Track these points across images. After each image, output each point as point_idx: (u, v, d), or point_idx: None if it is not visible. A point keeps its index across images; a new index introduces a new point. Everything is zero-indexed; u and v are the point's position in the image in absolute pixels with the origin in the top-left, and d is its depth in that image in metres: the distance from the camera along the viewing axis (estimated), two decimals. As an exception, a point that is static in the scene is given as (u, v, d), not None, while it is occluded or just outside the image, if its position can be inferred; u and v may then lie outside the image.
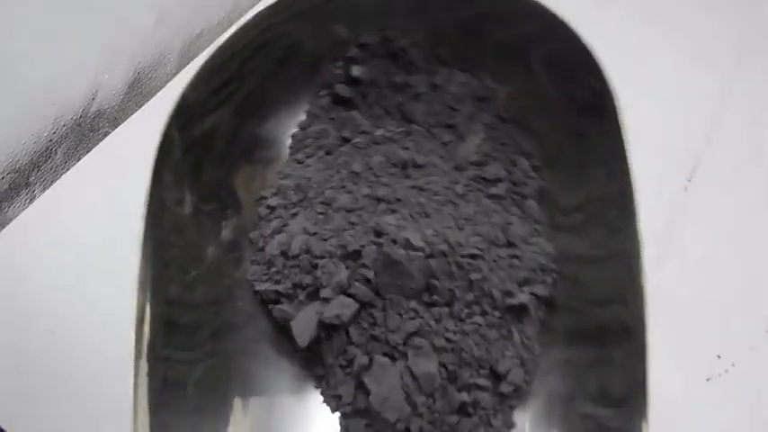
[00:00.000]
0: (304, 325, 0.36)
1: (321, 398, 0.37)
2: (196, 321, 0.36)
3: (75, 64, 0.49)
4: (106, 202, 0.46)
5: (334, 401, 0.36)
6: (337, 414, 0.37)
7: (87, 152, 0.49)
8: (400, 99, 0.44)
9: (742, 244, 0.41)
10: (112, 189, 0.46)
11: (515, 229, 0.38)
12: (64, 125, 0.49)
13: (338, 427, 0.36)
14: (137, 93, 0.55)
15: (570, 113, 0.39)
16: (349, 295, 0.36)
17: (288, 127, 0.45)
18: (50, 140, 0.48)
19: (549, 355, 0.36)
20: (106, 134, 0.50)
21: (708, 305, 0.40)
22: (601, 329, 0.34)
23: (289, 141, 0.45)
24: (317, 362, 0.37)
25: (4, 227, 0.44)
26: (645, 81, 0.48)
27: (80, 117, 0.50)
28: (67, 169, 0.48)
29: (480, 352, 0.34)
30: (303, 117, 0.45)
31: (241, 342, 0.38)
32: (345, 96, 0.45)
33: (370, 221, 0.38)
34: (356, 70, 0.44)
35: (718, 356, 0.37)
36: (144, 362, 0.31)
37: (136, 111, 0.51)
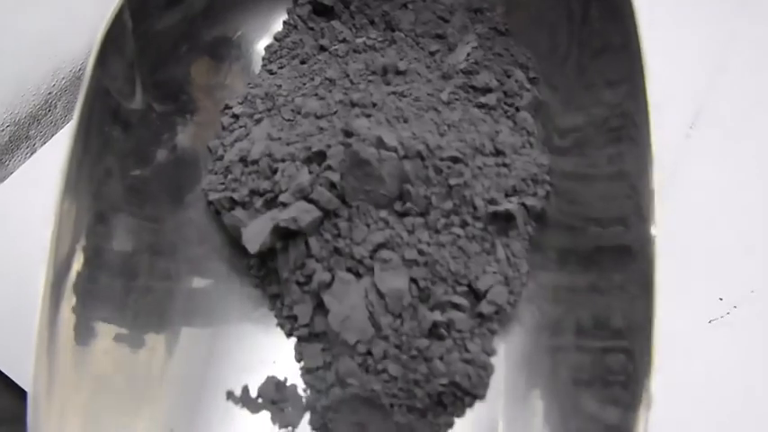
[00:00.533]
0: (256, 231, 0.31)
1: (275, 320, 0.32)
2: (134, 231, 0.31)
3: (73, 16, 0.47)
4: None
5: (288, 323, 0.32)
6: (293, 339, 0.32)
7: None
8: (386, 8, 0.40)
9: (744, 189, 0.39)
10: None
11: (505, 137, 0.33)
12: (63, 78, 0.47)
13: (292, 353, 0.31)
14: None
15: (580, 26, 0.34)
16: (311, 201, 0.31)
17: (259, 36, 0.41)
18: (50, 93, 0.46)
19: (537, 278, 0.31)
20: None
21: (710, 249, 0.37)
22: (599, 251, 0.29)
23: (262, 54, 0.40)
24: (272, 279, 0.32)
25: (4, 180, 0.42)
26: (647, 25, 0.44)
27: (79, 70, 0.48)
28: (67, 122, 0.47)
29: (458, 266, 0.29)
30: (279, 28, 0.41)
31: (188, 260, 0.33)
32: (327, 4, 0.40)
33: (340, 125, 0.33)
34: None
35: (720, 299, 0.35)
36: (69, 291, 0.26)
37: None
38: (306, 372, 0.31)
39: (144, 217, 0.32)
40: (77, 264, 0.27)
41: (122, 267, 0.30)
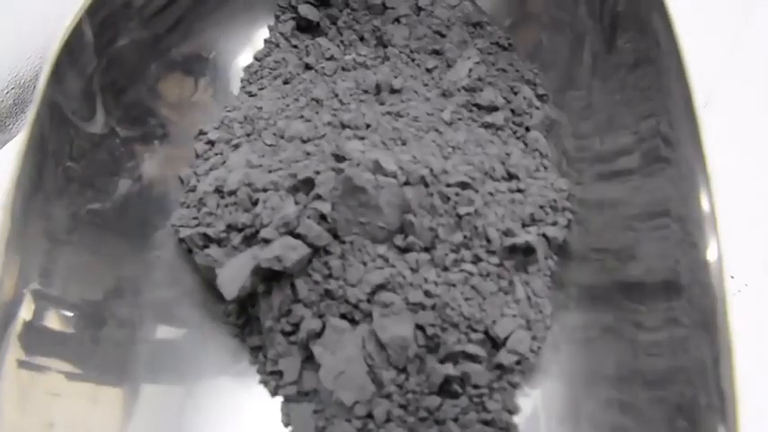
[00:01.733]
0: (234, 273, 0.26)
1: (257, 376, 0.27)
2: (92, 272, 0.26)
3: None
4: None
5: (273, 380, 0.27)
6: (278, 399, 0.27)
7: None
8: (377, 23, 0.36)
9: (756, 167, 0.37)
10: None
11: (516, 159, 0.29)
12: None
13: (278, 415, 0.26)
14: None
15: (606, 37, 0.30)
16: (297, 236, 0.26)
17: (238, 56, 0.36)
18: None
19: (561, 319, 0.26)
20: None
21: (721, 226, 0.34)
22: (636, 286, 0.25)
23: (241, 74, 0.36)
24: (253, 328, 0.27)
25: (7, 143, 0.39)
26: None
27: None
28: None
29: (471, 309, 0.25)
30: (260, 47, 0.37)
31: (153, 306, 0.28)
32: (312, 20, 0.36)
33: (330, 149, 0.29)
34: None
35: (732, 277, 0.33)
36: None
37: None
38: (294, 438, 0.25)
39: (103, 256, 0.27)
40: (25, 310, 0.23)
41: (77, 313, 0.25)
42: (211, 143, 0.32)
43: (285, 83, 0.35)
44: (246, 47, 0.37)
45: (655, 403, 0.22)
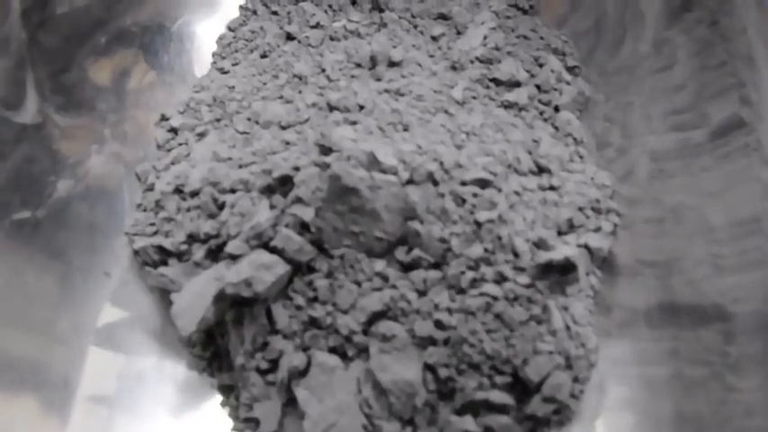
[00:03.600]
0: (192, 299, 0.20)
1: (230, 423, 0.21)
2: (20, 292, 0.21)
3: None
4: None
5: (248, 429, 0.21)
6: (255, 451, 0.21)
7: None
8: (371, -17, 0.29)
9: None
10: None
11: (547, 147, 0.22)
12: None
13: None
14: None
15: None
16: (272, 250, 0.20)
17: (208, 26, 0.30)
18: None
19: (610, 352, 0.20)
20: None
21: None
22: (715, 309, 0.19)
23: (212, 48, 0.30)
24: (223, 362, 0.22)
25: None
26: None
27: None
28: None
29: (496, 345, 0.19)
30: (234, 15, 0.30)
31: (99, 333, 0.22)
32: (294, -19, 0.30)
33: (314, 137, 0.22)
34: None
35: None
36: None
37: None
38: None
39: (30, 279, 0.21)
40: None
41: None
42: (174, 131, 0.26)
43: (263, 56, 0.28)
44: (217, 15, 0.30)
45: None
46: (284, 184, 0.21)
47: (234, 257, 0.20)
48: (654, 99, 0.24)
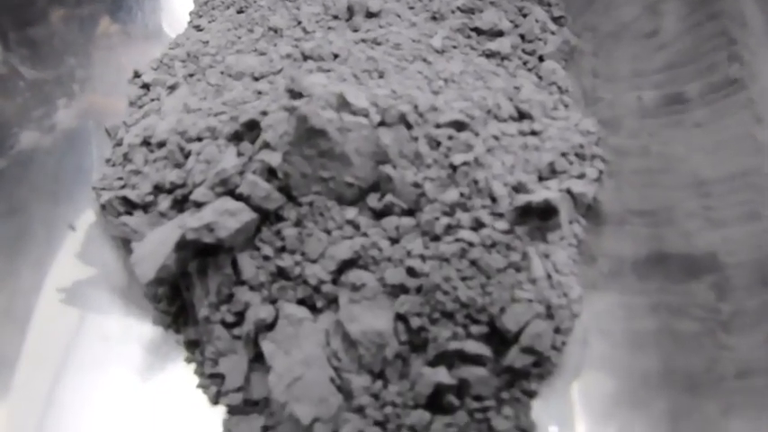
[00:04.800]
0: (153, 247, 0.19)
1: (195, 379, 0.20)
2: None
3: None
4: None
5: (214, 385, 0.19)
6: (221, 409, 0.19)
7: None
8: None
9: None
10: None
11: (529, 93, 0.21)
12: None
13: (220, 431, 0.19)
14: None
15: None
16: (238, 198, 0.19)
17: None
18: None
19: (595, 303, 0.19)
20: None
21: None
22: (710, 260, 0.18)
23: (189, 7, 0.28)
24: (188, 317, 0.20)
25: None
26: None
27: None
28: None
29: (471, 293, 0.17)
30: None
31: (63, 290, 0.21)
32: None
33: (285, 83, 0.21)
34: None
35: None
36: None
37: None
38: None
39: None
40: None
41: None
42: (147, 87, 0.25)
43: (239, 12, 0.27)
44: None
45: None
46: (252, 129, 0.20)
47: (199, 205, 0.19)
48: (644, 55, 0.23)
